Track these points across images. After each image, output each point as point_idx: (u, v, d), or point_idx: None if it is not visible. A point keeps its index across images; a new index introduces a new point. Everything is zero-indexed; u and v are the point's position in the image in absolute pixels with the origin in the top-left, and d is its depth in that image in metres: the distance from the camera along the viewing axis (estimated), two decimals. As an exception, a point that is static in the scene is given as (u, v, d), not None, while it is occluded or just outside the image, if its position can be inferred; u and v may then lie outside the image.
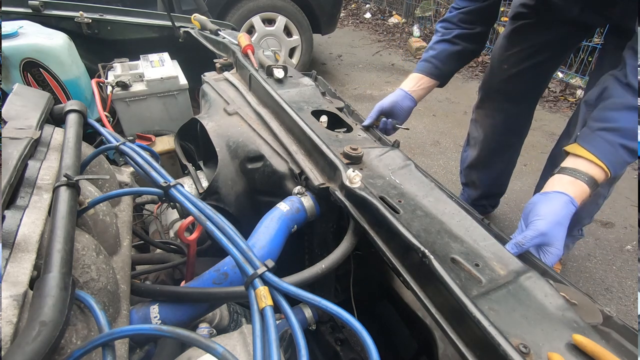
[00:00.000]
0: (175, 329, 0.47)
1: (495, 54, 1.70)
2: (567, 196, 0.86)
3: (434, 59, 1.37)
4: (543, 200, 0.87)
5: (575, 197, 0.86)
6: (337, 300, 1.01)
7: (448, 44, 1.36)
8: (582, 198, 0.88)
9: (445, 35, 1.37)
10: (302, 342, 0.48)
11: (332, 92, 1.29)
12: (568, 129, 1.57)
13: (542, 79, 1.71)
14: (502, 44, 1.64)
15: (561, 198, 0.86)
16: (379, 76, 4.38)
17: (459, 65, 1.44)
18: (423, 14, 5.81)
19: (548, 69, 1.67)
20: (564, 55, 1.66)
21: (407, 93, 1.36)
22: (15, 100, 0.82)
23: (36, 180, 0.64)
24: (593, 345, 0.47)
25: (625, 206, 2.43)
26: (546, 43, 1.51)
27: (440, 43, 1.38)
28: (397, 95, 1.35)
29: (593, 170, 0.90)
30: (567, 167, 0.92)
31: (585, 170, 0.90)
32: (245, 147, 1.01)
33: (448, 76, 1.42)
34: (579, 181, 0.89)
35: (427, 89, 1.40)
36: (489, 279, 0.57)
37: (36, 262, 0.49)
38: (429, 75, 1.38)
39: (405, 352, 1.00)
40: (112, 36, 1.77)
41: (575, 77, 3.96)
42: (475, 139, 1.95)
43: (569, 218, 0.85)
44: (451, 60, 1.37)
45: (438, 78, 1.39)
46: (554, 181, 0.92)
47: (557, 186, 0.89)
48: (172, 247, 0.99)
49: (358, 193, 0.70)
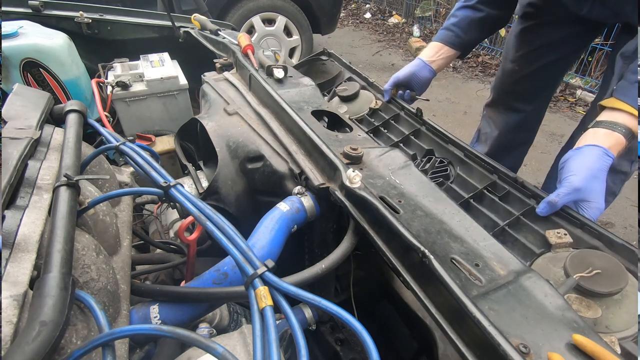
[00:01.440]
0: (175, 329, 0.47)
1: (506, 54, 1.67)
2: (601, 148, 0.83)
3: (455, 27, 1.30)
4: (576, 155, 0.85)
5: (610, 149, 0.83)
6: (337, 300, 1.01)
7: (471, 10, 1.29)
8: (618, 149, 0.85)
9: (468, 1, 1.30)
10: (302, 342, 0.48)
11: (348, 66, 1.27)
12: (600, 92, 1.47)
13: (553, 79, 1.68)
14: (513, 44, 1.61)
15: (595, 151, 0.83)
16: (379, 76, 4.38)
17: (482, 35, 1.37)
18: (423, 14, 5.81)
19: (559, 69, 1.64)
20: (575, 54, 1.62)
21: (425, 63, 1.30)
22: (15, 100, 0.82)
23: (36, 180, 0.64)
24: (593, 345, 0.47)
25: (625, 206, 2.43)
26: (556, 43, 1.48)
27: (462, 9, 1.31)
28: (415, 65, 1.28)
29: (632, 122, 0.86)
30: (602, 121, 0.89)
31: (623, 122, 0.86)
32: (245, 147, 1.01)
33: (470, 46, 1.36)
34: (616, 133, 0.85)
35: (447, 59, 1.33)
36: (489, 279, 0.57)
37: (36, 262, 0.49)
38: (449, 45, 1.31)
39: (405, 352, 1.00)
40: (112, 36, 1.76)
41: (575, 77, 3.96)
42: (487, 135, 1.92)
43: (605, 170, 0.82)
44: (474, 28, 1.30)
45: (459, 48, 1.33)
46: (587, 135, 0.88)
47: (591, 139, 0.86)
48: (172, 247, 0.99)
49: (358, 193, 0.70)
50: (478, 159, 0.94)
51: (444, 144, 1.03)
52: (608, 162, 0.82)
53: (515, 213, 0.81)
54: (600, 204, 0.81)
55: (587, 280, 0.60)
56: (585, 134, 0.90)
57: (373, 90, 1.24)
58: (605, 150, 0.83)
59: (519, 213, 0.81)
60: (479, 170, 0.93)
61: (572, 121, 3.45)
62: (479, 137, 2.02)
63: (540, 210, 0.80)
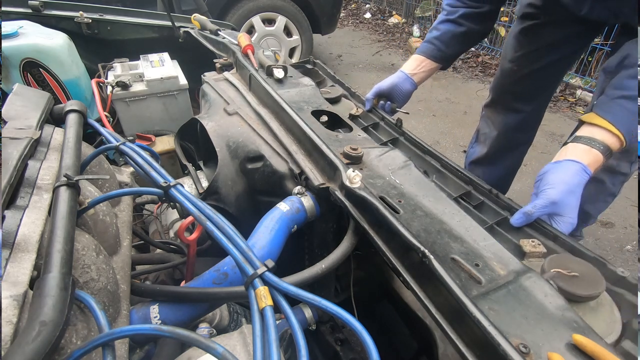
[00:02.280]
0: (175, 329, 0.47)
1: (505, 54, 1.67)
2: (579, 164, 0.84)
3: (437, 40, 1.32)
4: (554, 168, 0.86)
5: (588, 165, 0.85)
6: (337, 300, 1.01)
7: (452, 24, 1.31)
8: (596, 167, 0.86)
9: (450, 15, 1.32)
10: (302, 342, 0.48)
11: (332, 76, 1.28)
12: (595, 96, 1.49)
13: (553, 80, 1.68)
14: (512, 45, 1.61)
15: (573, 166, 0.84)
16: (379, 76, 4.38)
17: (463, 48, 1.40)
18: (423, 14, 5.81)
19: (559, 70, 1.64)
20: (574, 55, 1.62)
21: (407, 75, 1.32)
22: (15, 100, 0.82)
23: (36, 180, 0.64)
24: (593, 345, 0.47)
25: (625, 206, 2.43)
26: (556, 43, 1.48)
27: (444, 23, 1.33)
28: (397, 78, 1.31)
29: (610, 139, 0.87)
30: (581, 136, 0.90)
31: (601, 138, 0.87)
32: (245, 147, 1.01)
33: (451, 59, 1.38)
34: (594, 150, 0.86)
35: (429, 72, 1.36)
36: (489, 279, 0.57)
37: (36, 262, 0.49)
38: (431, 58, 1.33)
39: (405, 352, 1.00)
40: (112, 36, 1.77)
41: (575, 77, 3.96)
42: (486, 135, 1.92)
43: (581, 186, 0.83)
44: (455, 42, 1.32)
45: (440, 61, 1.35)
46: (567, 149, 0.89)
47: (570, 154, 0.87)
48: (172, 247, 0.99)
49: (358, 193, 0.70)
50: (454, 169, 0.94)
51: (421, 154, 1.03)
52: (585, 179, 0.84)
53: (489, 222, 0.81)
54: (573, 219, 0.82)
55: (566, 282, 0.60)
56: (565, 147, 0.91)
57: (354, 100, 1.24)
58: (584, 166, 0.84)
59: (493, 222, 0.81)
60: (454, 180, 0.92)
61: (572, 121, 3.45)
62: (477, 137, 2.02)
63: (515, 220, 0.79)
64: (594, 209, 1.64)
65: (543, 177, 0.86)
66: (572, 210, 0.82)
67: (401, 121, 0.96)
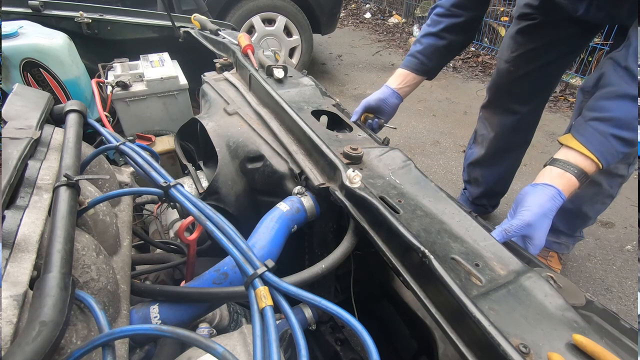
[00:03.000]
0: (175, 329, 0.47)
1: (502, 55, 1.67)
2: (554, 189, 0.88)
3: (420, 54, 1.36)
4: (532, 192, 0.89)
5: (563, 190, 0.88)
6: (337, 300, 1.01)
7: (435, 38, 1.34)
8: (570, 191, 0.90)
9: (432, 27, 1.35)
10: (302, 342, 0.48)
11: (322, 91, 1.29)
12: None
13: (550, 81, 1.68)
14: (508, 45, 1.61)
15: (548, 191, 0.88)
16: (379, 76, 4.38)
17: (446, 60, 1.43)
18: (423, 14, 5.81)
19: (556, 71, 1.64)
20: (571, 56, 1.63)
21: (393, 90, 1.36)
22: (15, 100, 0.82)
23: (36, 180, 0.64)
24: (593, 345, 0.47)
25: (625, 206, 2.43)
26: (552, 44, 1.48)
27: (427, 37, 1.36)
28: (383, 93, 1.35)
29: (583, 163, 0.90)
30: (558, 159, 0.93)
31: (575, 162, 0.90)
32: (245, 147, 1.01)
33: (435, 71, 1.41)
34: (568, 174, 0.89)
35: (413, 85, 1.40)
36: (489, 279, 0.57)
37: (36, 262, 0.49)
38: (415, 72, 1.37)
39: (405, 352, 1.00)
40: (112, 36, 1.76)
41: (576, 77, 3.96)
42: (484, 137, 1.92)
43: (554, 211, 0.87)
44: (438, 55, 1.36)
45: (424, 74, 1.39)
46: (545, 173, 0.93)
47: (547, 178, 0.90)
48: (172, 247, 0.99)
49: (358, 193, 0.70)
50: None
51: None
52: (559, 204, 0.88)
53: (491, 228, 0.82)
54: (541, 242, 0.86)
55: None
56: (543, 170, 0.94)
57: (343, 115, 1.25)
58: (558, 191, 0.88)
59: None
60: None
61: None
62: (475, 138, 2.02)
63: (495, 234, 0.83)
64: (593, 210, 1.64)
65: (522, 198, 0.89)
66: (542, 234, 0.86)
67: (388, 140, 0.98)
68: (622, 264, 2.06)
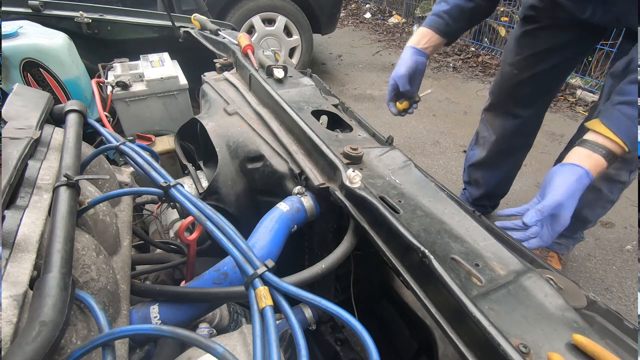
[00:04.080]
0: (175, 329, 0.47)
1: (506, 57, 1.65)
2: (582, 169, 0.89)
3: (446, 14, 1.30)
4: (560, 171, 0.91)
5: (590, 170, 0.89)
6: (337, 300, 1.01)
7: None
8: (598, 171, 0.91)
9: None
10: (302, 342, 0.48)
11: (326, 90, 1.28)
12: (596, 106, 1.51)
13: (553, 84, 1.66)
14: (513, 47, 1.59)
15: (577, 171, 0.89)
16: (379, 76, 4.38)
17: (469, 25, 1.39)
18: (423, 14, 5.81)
19: (559, 75, 1.62)
20: (577, 59, 1.59)
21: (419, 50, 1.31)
22: (15, 100, 0.82)
23: (36, 180, 0.64)
24: (593, 345, 0.47)
25: (625, 206, 2.43)
26: (557, 47, 1.46)
27: None
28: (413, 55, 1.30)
29: (612, 145, 0.91)
30: (587, 140, 0.94)
31: (603, 143, 0.91)
32: (245, 147, 1.01)
33: (455, 36, 1.37)
34: (596, 154, 0.91)
35: (436, 47, 1.35)
36: (489, 279, 0.57)
37: (36, 262, 0.49)
38: (439, 32, 1.32)
39: (405, 352, 1.00)
40: (112, 36, 1.76)
41: (576, 77, 3.96)
42: (485, 139, 1.91)
43: (582, 191, 0.89)
44: (463, 18, 1.31)
45: (447, 35, 1.34)
46: (573, 153, 0.94)
47: (575, 158, 0.92)
48: (172, 247, 0.99)
49: (358, 193, 0.70)
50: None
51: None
52: (586, 183, 0.89)
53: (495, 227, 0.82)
54: (567, 221, 0.89)
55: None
56: (572, 151, 0.95)
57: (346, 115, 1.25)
58: (586, 171, 0.89)
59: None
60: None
61: (572, 121, 3.45)
62: (477, 140, 2.01)
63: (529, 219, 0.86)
64: (593, 214, 1.64)
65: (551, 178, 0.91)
66: (569, 213, 0.88)
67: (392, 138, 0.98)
68: (622, 264, 2.06)
